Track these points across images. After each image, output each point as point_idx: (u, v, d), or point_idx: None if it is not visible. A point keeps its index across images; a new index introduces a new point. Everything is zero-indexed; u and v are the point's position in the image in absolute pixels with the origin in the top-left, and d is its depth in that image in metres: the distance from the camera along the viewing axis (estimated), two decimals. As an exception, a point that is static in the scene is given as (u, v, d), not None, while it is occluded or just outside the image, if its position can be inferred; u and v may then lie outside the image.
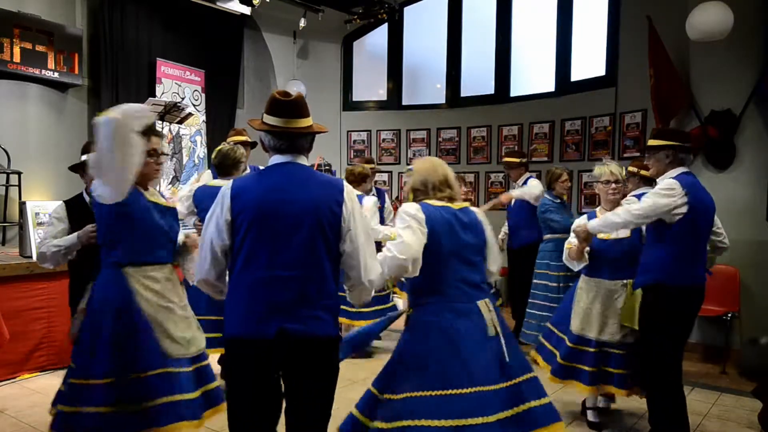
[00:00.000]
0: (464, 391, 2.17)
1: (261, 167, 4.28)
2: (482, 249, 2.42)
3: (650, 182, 3.63)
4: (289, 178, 2.08)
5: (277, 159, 2.14)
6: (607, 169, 3.49)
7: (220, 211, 2.05)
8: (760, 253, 4.98)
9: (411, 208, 2.35)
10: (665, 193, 2.96)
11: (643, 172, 3.76)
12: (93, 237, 2.65)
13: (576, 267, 3.53)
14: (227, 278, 2.15)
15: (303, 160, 2.17)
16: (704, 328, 5.14)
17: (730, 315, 4.76)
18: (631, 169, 3.94)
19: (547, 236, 4.84)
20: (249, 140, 4.67)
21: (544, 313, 4.63)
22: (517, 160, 5.43)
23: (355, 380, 4.31)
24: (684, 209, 2.93)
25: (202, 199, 3.67)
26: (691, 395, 4.12)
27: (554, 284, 4.69)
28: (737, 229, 4.65)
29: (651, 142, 3.18)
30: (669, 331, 3.06)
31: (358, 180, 4.73)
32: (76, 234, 2.78)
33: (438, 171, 2.46)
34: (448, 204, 2.40)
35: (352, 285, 2.16)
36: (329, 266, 2.05)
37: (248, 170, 4.51)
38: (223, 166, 3.79)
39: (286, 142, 2.12)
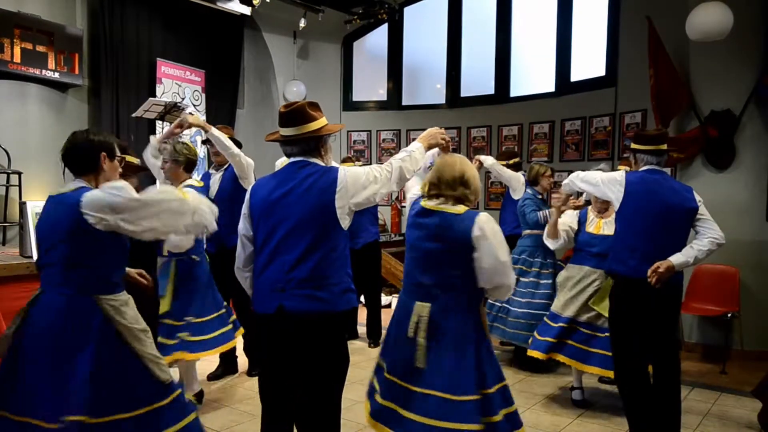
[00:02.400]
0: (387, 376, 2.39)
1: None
2: (447, 256, 2.28)
3: None
4: (293, 175, 2.32)
5: (289, 160, 2.40)
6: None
7: (244, 204, 2.41)
8: (760, 253, 4.98)
9: (409, 201, 2.54)
10: (608, 177, 3.23)
11: None
12: None
13: (553, 245, 4.01)
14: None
15: (314, 159, 2.36)
16: (704, 328, 5.14)
17: (730, 315, 4.75)
18: (621, 168, 4.03)
19: (526, 231, 4.78)
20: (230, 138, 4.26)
21: (524, 310, 4.61)
22: (503, 162, 5.40)
23: (354, 381, 4.30)
24: (620, 197, 3.12)
25: None
26: (691, 395, 4.12)
27: (532, 279, 4.67)
28: (737, 229, 4.64)
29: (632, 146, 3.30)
30: (614, 318, 3.23)
31: None
32: None
33: (454, 168, 2.34)
34: (436, 207, 2.33)
35: None
36: (324, 250, 2.25)
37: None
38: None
39: (289, 146, 2.37)
